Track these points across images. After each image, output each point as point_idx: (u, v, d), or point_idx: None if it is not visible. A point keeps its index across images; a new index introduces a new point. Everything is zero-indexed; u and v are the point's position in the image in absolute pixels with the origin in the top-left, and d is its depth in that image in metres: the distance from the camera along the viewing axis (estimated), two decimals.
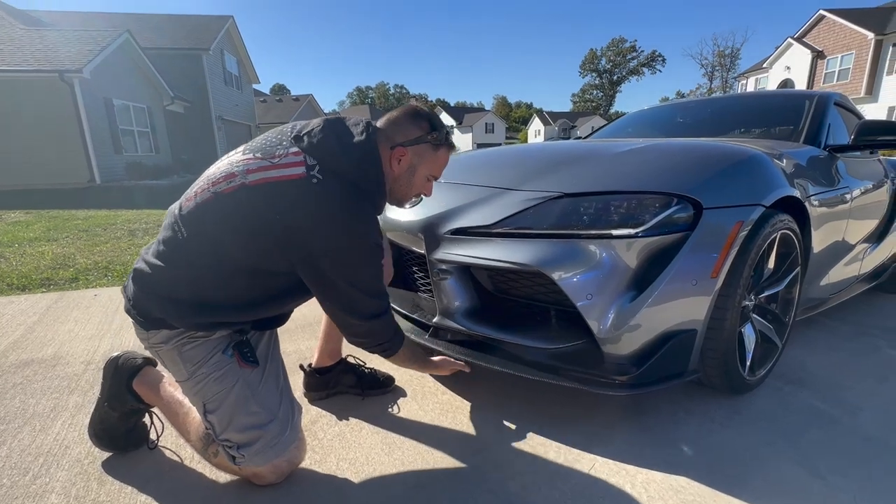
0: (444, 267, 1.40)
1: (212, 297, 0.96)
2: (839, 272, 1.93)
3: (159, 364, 1.11)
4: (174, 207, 1.00)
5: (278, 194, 0.90)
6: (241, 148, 1.02)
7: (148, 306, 0.97)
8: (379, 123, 1.07)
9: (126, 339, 1.92)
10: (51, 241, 3.93)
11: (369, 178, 0.99)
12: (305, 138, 0.96)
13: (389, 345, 1.08)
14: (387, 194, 1.08)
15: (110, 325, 2.07)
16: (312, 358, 1.49)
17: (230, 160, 0.98)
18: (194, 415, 1.08)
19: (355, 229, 0.93)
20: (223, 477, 1.09)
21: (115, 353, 1.20)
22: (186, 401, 1.10)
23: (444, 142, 1.10)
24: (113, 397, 1.15)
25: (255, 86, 20.76)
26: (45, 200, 7.22)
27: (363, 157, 0.97)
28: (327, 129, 0.98)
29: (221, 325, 1.01)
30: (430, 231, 1.44)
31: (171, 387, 1.15)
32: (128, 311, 1.01)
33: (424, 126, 1.07)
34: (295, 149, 0.95)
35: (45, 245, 3.77)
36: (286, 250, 0.92)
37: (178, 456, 1.16)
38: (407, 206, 1.22)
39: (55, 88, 9.14)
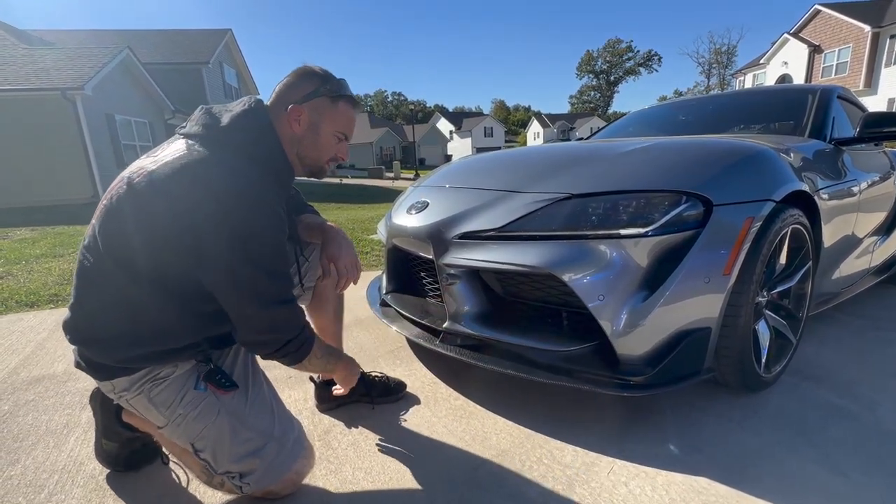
0: (452, 271, 1.40)
1: (141, 324, 0.89)
2: (850, 265, 1.91)
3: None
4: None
5: (160, 178, 0.85)
6: None
7: (88, 355, 0.92)
8: (272, 97, 1.04)
9: None
10: (57, 257, 3.94)
11: (257, 143, 0.93)
12: (186, 124, 0.95)
13: (298, 342, 0.94)
14: (297, 162, 1.03)
15: None
16: None
17: (122, 173, 0.94)
18: None
19: (245, 192, 0.84)
20: None
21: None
22: None
23: (340, 93, 1.02)
24: (107, 430, 1.12)
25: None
26: (49, 217, 7.26)
27: (246, 121, 0.93)
28: (205, 110, 0.96)
29: (171, 354, 0.93)
30: (438, 236, 1.44)
31: None
32: (78, 367, 0.95)
33: (316, 81, 1.01)
34: (177, 139, 0.93)
35: (52, 261, 3.78)
36: (179, 238, 0.83)
37: (187, 475, 1.15)
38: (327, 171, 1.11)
39: (58, 106, 9.23)
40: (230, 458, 0.98)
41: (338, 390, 1.27)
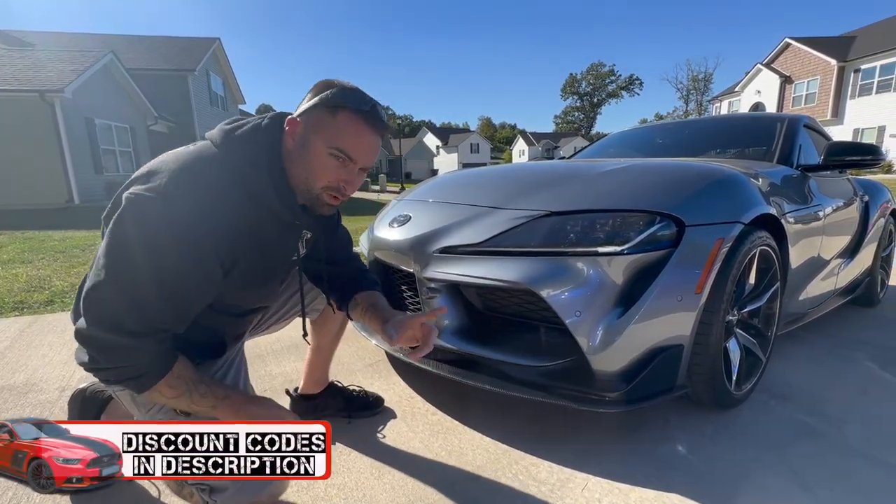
0: (432, 285, 1.40)
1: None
2: (816, 287, 1.98)
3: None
4: None
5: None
6: None
7: None
8: None
9: None
10: (25, 263, 3.80)
11: (245, 157, 0.83)
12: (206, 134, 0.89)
13: (142, 379, 0.79)
14: (295, 189, 0.88)
15: None
16: (299, 382, 1.45)
17: None
18: None
19: (182, 196, 0.75)
20: None
21: (82, 385, 1.15)
22: None
23: (341, 103, 0.83)
24: None
25: (241, 106, 20.79)
26: (20, 221, 7.01)
27: (242, 133, 0.85)
28: (237, 119, 0.90)
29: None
30: (419, 250, 1.44)
31: None
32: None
33: (319, 89, 0.86)
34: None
35: (20, 267, 3.65)
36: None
37: (157, 487, 1.11)
38: (326, 210, 0.91)
39: (35, 108, 9.01)
40: None
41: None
